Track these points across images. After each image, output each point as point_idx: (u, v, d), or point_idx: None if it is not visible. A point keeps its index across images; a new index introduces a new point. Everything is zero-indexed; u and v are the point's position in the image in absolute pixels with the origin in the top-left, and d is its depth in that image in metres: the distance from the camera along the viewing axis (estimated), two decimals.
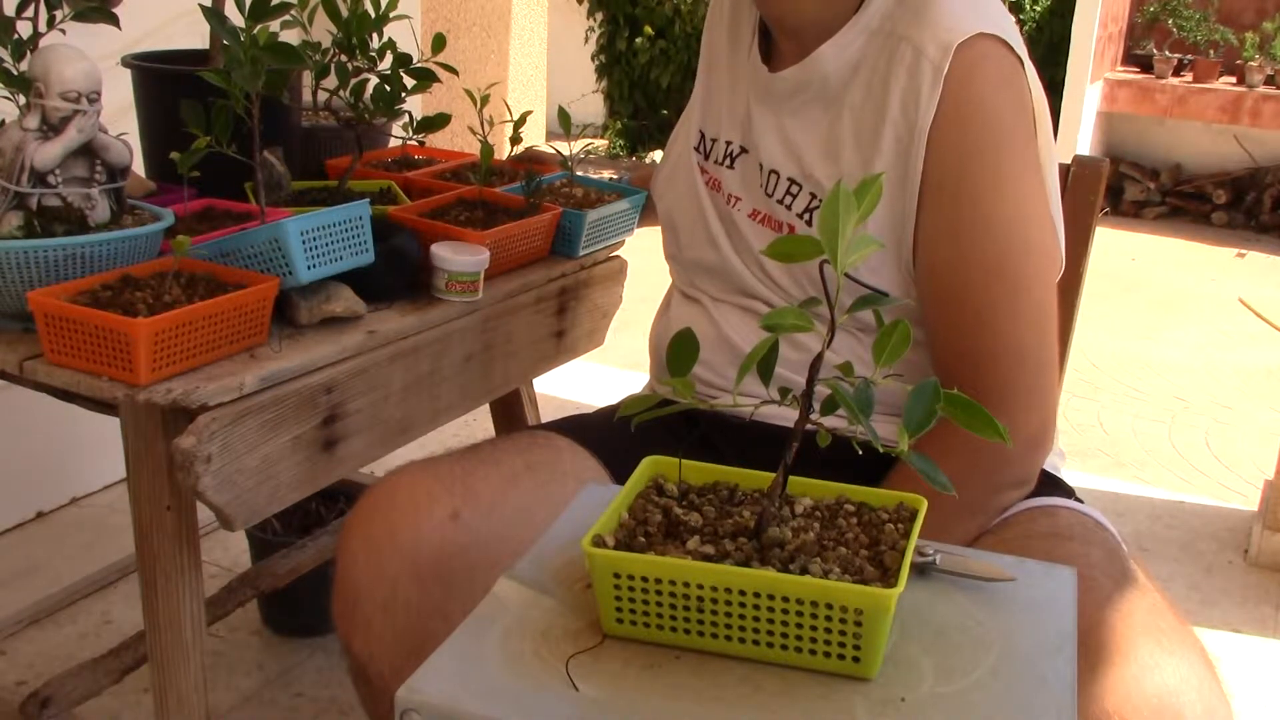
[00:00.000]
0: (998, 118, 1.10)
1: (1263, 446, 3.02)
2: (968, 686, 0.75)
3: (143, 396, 1.07)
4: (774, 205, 1.22)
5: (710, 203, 1.30)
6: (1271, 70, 5.32)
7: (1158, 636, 0.91)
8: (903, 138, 1.10)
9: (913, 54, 1.09)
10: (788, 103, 1.21)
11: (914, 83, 1.09)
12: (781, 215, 1.21)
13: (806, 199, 1.18)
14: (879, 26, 1.14)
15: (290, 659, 1.88)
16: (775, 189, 1.21)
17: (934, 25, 1.10)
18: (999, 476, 1.12)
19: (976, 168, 1.09)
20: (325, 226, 1.20)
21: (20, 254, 1.11)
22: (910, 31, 1.11)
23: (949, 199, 1.10)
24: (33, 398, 1.20)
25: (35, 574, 2.03)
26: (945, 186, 1.10)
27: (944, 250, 1.11)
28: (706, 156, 1.32)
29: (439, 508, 1.03)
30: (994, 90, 1.10)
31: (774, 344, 0.77)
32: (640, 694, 0.73)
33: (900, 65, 1.10)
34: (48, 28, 1.20)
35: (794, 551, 0.77)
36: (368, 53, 1.40)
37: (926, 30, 1.10)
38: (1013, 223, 1.10)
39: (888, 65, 1.11)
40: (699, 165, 1.32)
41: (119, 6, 1.24)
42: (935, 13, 1.11)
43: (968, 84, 1.08)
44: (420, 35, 1.53)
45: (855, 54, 1.15)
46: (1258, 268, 4.88)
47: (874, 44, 1.14)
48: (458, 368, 1.37)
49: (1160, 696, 0.87)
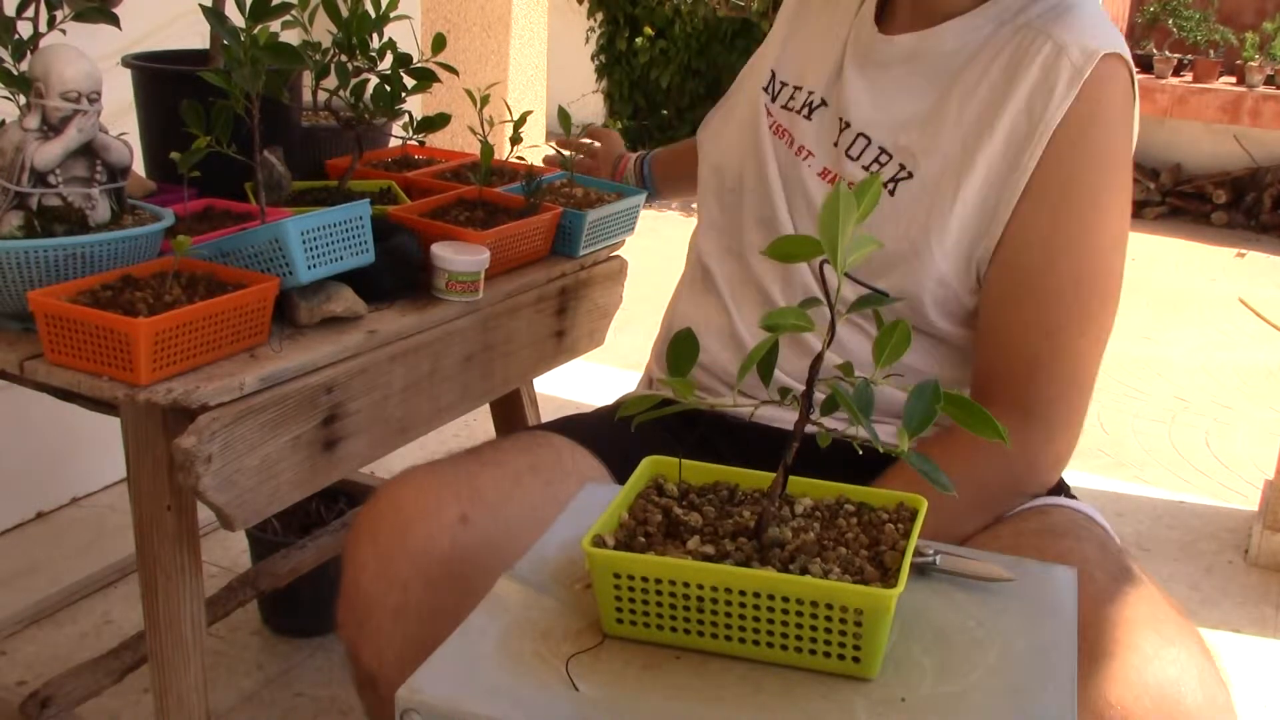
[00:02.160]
0: (1117, 136, 1.11)
1: (1263, 446, 3.02)
2: (968, 686, 0.75)
3: (143, 396, 1.07)
4: (853, 167, 1.19)
5: (773, 150, 1.26)
6: (1271, 70, 5.32)
7: (1157, 627, 0.91)
8: (1020, 129, 1.10)
9: (1053, 50, 1.09)
10: (893, 69, 1.19)
11: (1049, 79, 1.09)
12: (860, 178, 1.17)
13: (895, 168, 1.16)
14: (1011, 19, 1.14)
15: (290, 659, 1.88)
16: (861, 153, 1.19)
17: (1078, 29, 1.10)
18: (1025, 486, 1.13)
19: (1089, 180, 1.10)
20: (325, 226, 1.20)
21: (20, 254, 1.11)
22: (1052, 29, 1.11)
23: (1053, 204, 1.10)
24: (33, 398, 1.20)
25: (35, 574, 2.03)
26: (1052, 190, 1.09)
27: (1034, 254, 1.10)
28: (774, 99, 1.28)
29: (447, 511, 1.03)
30: (1120, 109, 1.11)
31: (774, 344, 0.77)
32: (640, 694, 0.73)
33: (1035, 58, 1.10)
34: (48, 28, 1.20)
35: (794, 551, 0.77)
36: (368, 53, 1.40)
37: (1070, 32, 1.10)
38: (1104, 244, 1.11)
39: (1018, 56, 1.11)
40: (765, 107, 1.28)
41: (119, 6, 1.24)
42: (1079, 18, 1.12)
43: (1101, 95, 1.09)
44: (420, 35, 1.53)
45: (980, 39, 1.15)
46: (1258, 268, 4.88)
47: (1003, 34, 1.13)
48: (458, 368, 1.37)
49: (1161, 686, 0.87)
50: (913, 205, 1.13)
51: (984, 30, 1.15)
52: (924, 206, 1.13)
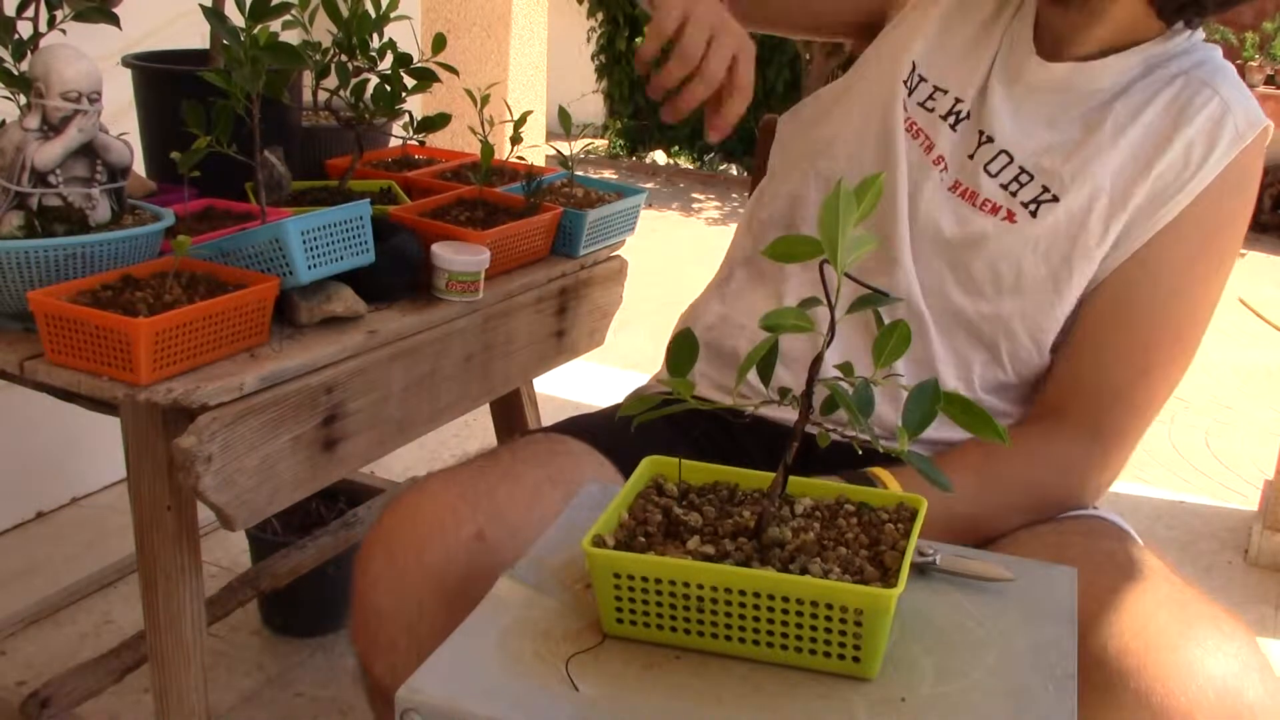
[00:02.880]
0: (1249, 204, 1.16)
1: (1263, 446, 3.02)
2: (968, 686, 0.75)
3: (143, 396, 1.07)
4: (990, 184, 1.18)
5: (905, 148, 1.22)
6: (1271, 70, 5.32)
7: (1215, 622, 0.92)
8: (1171, 174, 1.13)
9: (1219, 107, 1.13)
10: (1042, 94, 1.19)
11: (1212, 135, 1.13)
12: (998, 197, 1.18)
13: (1037, 189, 1.16)
14: (1160, 65, 1.17)
15: (290, 659, 1.88)
16: (1001, 170, 1.18)
17: (1242, 94, 1.16)
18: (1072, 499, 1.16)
19: (1220, 239, 1.15)
20: (325, 226, 1.20)
21: (20, 254, 1.11)
22: (1218, 86, 1.15)
23: (1185, 256, 1.14)
24: (33, 398, 1.20)
25: (35, 574, 2.03)
26: (1188, 244, 1.13)
27: (1157, 292, 1.14)
28: (911, 94, 1.25)
29: (465, 528, 1.01)
30: (1257, 178, 1.16)
31: (774, 344, 0.77)
32: (640, 694, 0.73)
33: (1200, 110, 1.13)
34: (48, 28, 1.20)
35: (794, 551, 0.77)
36: (368, 53, 1.40)
37: (1235, 94, 1.15)
38: (1211, 301, 1.17)
39: (1181, 103, 1.14)
40: (903, 101, 1.24)
41: (119, 6, 1.24)
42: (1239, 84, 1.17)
43: (1251, 164, 1.14)
44: (420, 35, 1.53)
45: (1130, 79, 1.17)
46: (1258, 268, 4.88)
47: (1155, 78, 1.16)
48: (458, 368, 1.37)
49: (1225, 679, 0.87)
50: (1055, 229, 1.15)
51: (1134, 72, 1.17)
52: (1068, 233, 1.14)
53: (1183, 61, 1.17)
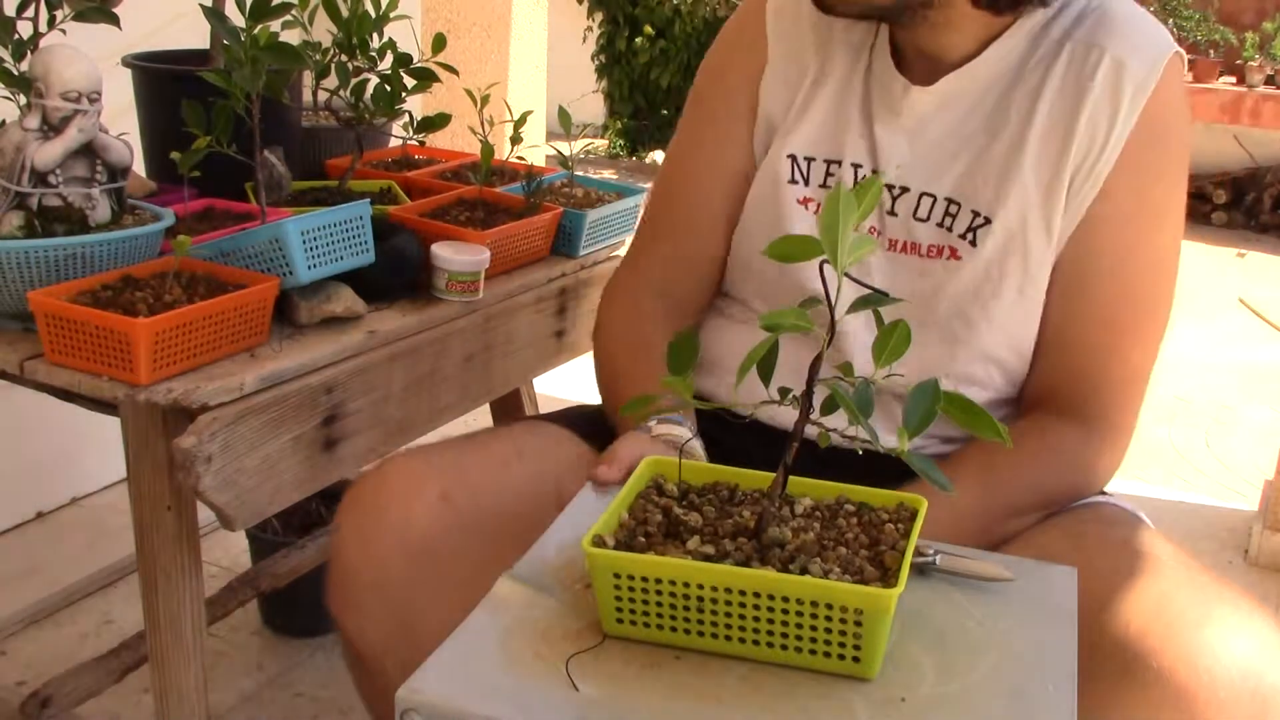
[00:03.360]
0: (1182, 144, 1.10)
1: (1263, 446, 3.02)
2: (968, 686, 0.75)
3: (143, 396, 1.07)
4: (925, 229, 1.13)
5: None
6: (1271, 70, 5.32)
7: (1234, 602, 0.92)
8: (1087, 147, 1.08)
9: (1112, 65, 1.06)
10: (932, 116, 1.14)
11: (1114, 97, 1.06)
12: (937, 238, 1.13)
13: (969, 217, 1.11)
14: (1044, 33, 1.10)
15: (290, 659, 1.88)
16: (930, 212, 1.13)
17: (1132, 39, 1.07)
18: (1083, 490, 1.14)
19: (1158, 194, 1.09)
20: (325, 226, 1.20)
21: (20, 254, 1.11)
22: (1104, 41, 1.07)
23: (1116, 225, 1.09)
24: (33, 398, 1.20)
25: (35, 574, 2.03)
26: (1122, 207, 1.08)
27: (1096, 274, 1.10)
28: (808, 182, 1.19)
29: (429, 489, 1.04)
30: (1180, 111, 1.09)
31: (774, 344, 0.77)
32: (640, 694, 0.73)
33: (1093, 75, 1.07)
34: (48, 28, 1.20)
35: (794, 551, 0.77)
36: (368, 53, 1.40)
37: (1125, 43, 1.07)
38: (1168, 253, 1.12)
39: (1073, 74, 1.08)
40: (799, 200, 1.19)
41: (119, 6, 1.24)
42: (1125, 25, 1.08)
43: (1164, 105, 1.07)
44: (420, 35, 1.53)
45: (1017, 60, 1.11)
46: (1258, 268, 4.88)
47: (1043, 51, 1.10)
48: (458, 368, 1.37)
49: (1248, 658, 0.87)
50: (1000, 249, 1.10)
51: (1019, 50, 1.11)
52: (1014, 247, 1.10)
53: (1065, 21, 1.10)
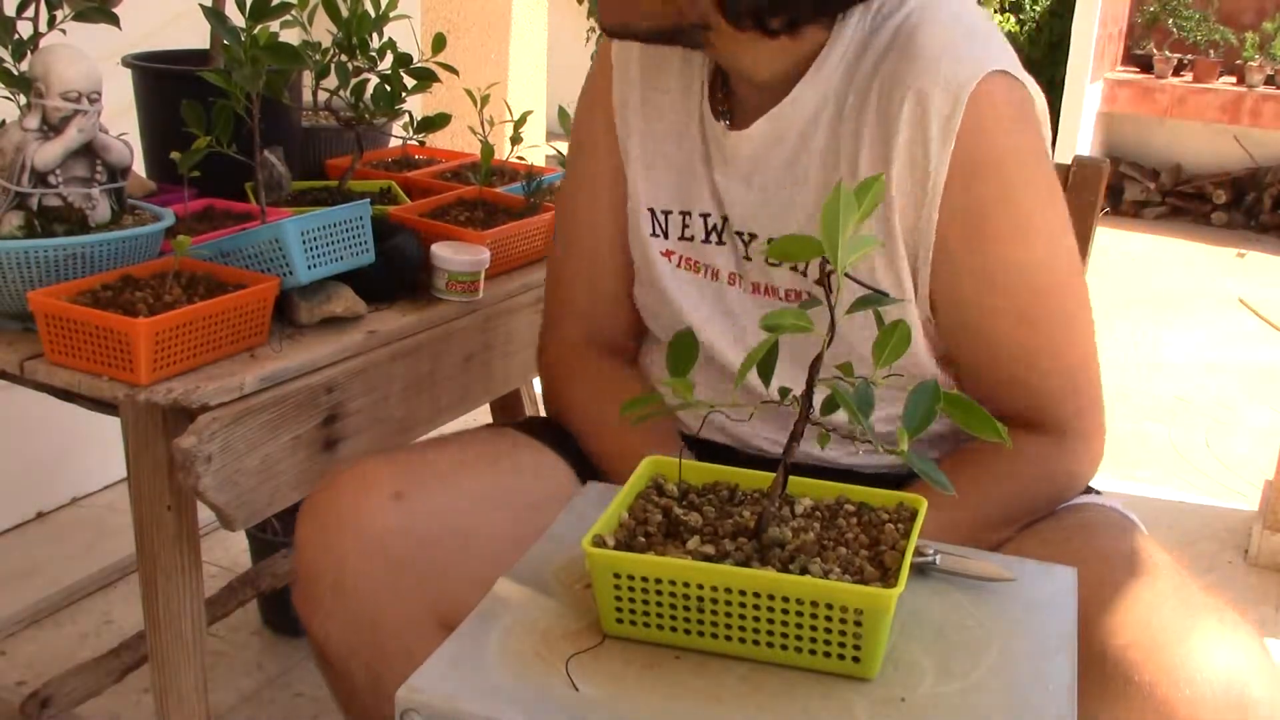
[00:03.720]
0: (1016, 163, 1.02)
1: (1263, 446, 3.02)
2: (968, 686, 0.75)
3: (143, 396, 1.07)
4: (781, 274, 1.10)
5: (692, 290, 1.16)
6: (1271, 70, 5.32)
7: (1218, 615, 0.91)
8: (909, 188, 1.02)
9: (915, 102, 0.99)
10: (762, 161, 1.09)
11: (922, 135, 0.99)
12: (794, 283, 1.10)
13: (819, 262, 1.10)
14: (856, 57, 1.04)
15: (290, 659, 1.88)
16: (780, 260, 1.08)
17: (934, 69, 0.99)
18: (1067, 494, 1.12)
19: (999, 219, 1.02)
20: (325, 226, 1.20)
21: (20, 254, 1.11)
22: (906, 75, 1.00)
23: (970, 254, 1.03)
24: (33, 398, 1.20)
25: (35, 574, 2.03)
26: (966, 242, 1.02)
27: (973, 306, 1.05)
28: (666, 235, 1.17)
29: (382, 488, 1.04)
30: (1008, 134, 1.01)
31: (774, 344, 0.77)
32: (640, 694, 0.73)
33: (900, 113, 1.00)
34: (48, 28, 1.20)
35: (794, 551, 0.77)
36: (368, 53, 1.40)
37: (926, 75, 0.99)
38: (1041, 265, 1.05)
39: (883, 111, 1.01)
40: (662, 252, 1.17)
41: (119, 6, 1.24)
42: (930, 52, 1.00)
43: (981, 135, 0.99)
44: (420, 35, 1.53)
45: (833, 91, 1.04)
46: (1258, 268, 4.87)
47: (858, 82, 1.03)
48: (458, 368, 1.37)
49: (1230, 672, 0.87)
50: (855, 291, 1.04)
51: (834, 80, 1.04)
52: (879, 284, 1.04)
53: (877, 49, 1.03)
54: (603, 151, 1.21)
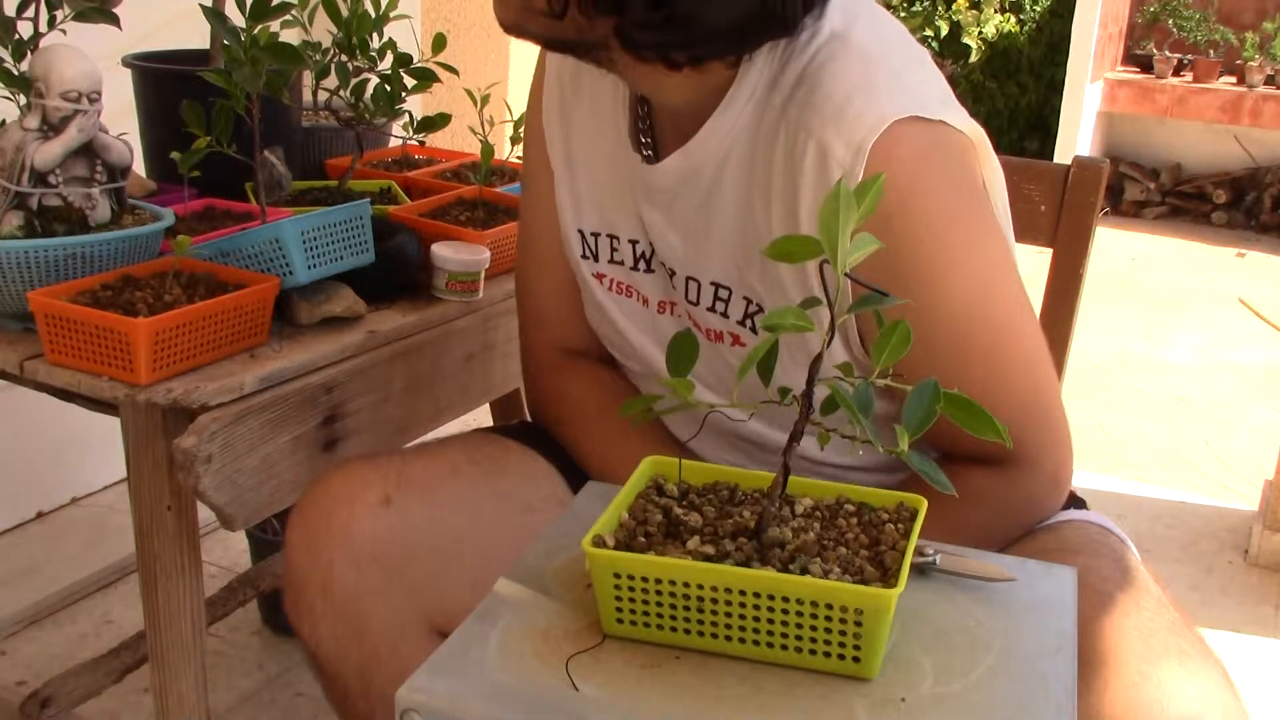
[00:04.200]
0: (926, 208, 0.96)
1: (1263, 446, 3.02)
2: (968, 686, 0.75)
3: (143, 396, 1.07)
4: (701, 313, 1.07)
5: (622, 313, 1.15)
6: (1271, 70, 5.32)
7: (1180, 658, 0.89)
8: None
9: (817, 152, 0.94)
10: (678, 196, 1.05)
11: (825, 186, 0.94)
12: (716, 324, 1.06)
13: (741, 304, 1.04)
14: (765, 96, 0.99)
15: (290, 659, 1.87)
16: (699, 296, 1.07)
17: (837, 120, 0.93)
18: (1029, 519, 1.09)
19: (913, 266, 0.96)
20: (325, 226, 1.20)
21: (20, 254, 1.11)
22: (811, 123, 0.95)
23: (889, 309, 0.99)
24: (33, 398, 1.20)
25: (35, 574, 2.03)
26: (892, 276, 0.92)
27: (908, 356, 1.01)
28: (596, 258, 1.15)
29: (371, 493, 1.04)
30: (914, 181, 0.95)
31: (774, 345, 0.77)
32: (640, 694, 0.73)
33: (803, 163, 0.95)
34: (48, 28, 1.20)
35: (794, 551, 0.77)
36: (368, 53, 1.40)
37: (830, 126, 0.94)
38: (969, 306, 1.00)
39: (789, 159, 0.96)
40: (594, 274, 1.15)
41: (119, 6, 1.24)
42: (835, 99, 0.94)
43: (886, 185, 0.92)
44: (420, 35, 1.53)
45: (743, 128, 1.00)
46: (1258, 268, 4.87)
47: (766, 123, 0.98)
48: (458, 367, 1.37)
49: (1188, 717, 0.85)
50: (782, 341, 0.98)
51: (744, 117, 1.00)
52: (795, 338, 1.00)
53: (785, 84, 0.98)
54: (540, 166, 1.20)
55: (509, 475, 1.15)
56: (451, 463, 1.13)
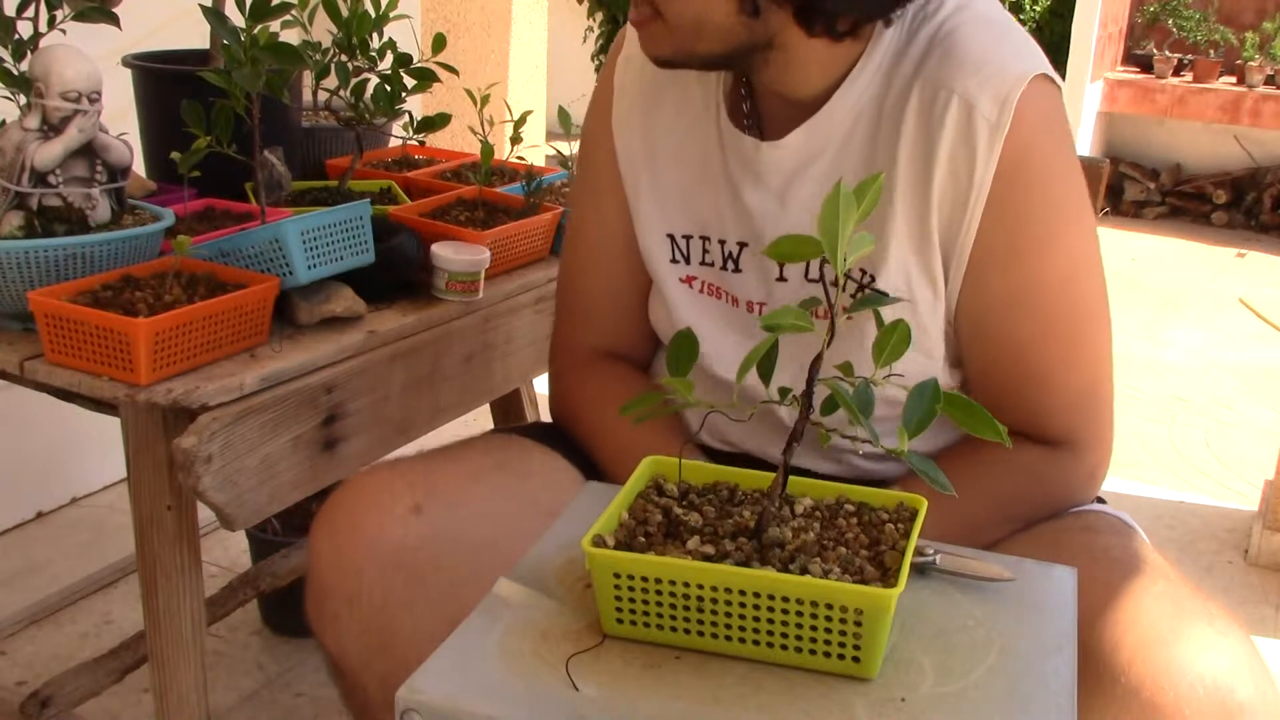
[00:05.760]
0: (1055, 173, 1.02)
1: (1263, 446, 3.02)
2: (968, 686, 0.75)
3: (143, 396, 1.07)
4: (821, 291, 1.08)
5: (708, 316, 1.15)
6: (1271, 70, 5.32)
7: (1209, 619, 0.91)
8: (949, 195, 1.01)
9: (961, 108, 0.98)
10: (797, 173, 1.07)
11: (968, 141, 0.98)
12: None
13: (856, 275, 1.06)
14: (892, 66, 1.03)
15: (290, 659, 1.88)
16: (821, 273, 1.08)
17: (979, 74, 0.99)
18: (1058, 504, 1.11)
19: (1032, 230, 1.03)
20: (325, 226, 1.20)
21: (20, 254, 1.11)
22: (952, 80, 0.99)
23: (1002, 268, 1.03)
24: (33, 398, 1.20)
25: (35, 574, 2.03)
26: (997, 251, 1.02)
27: (997, 320, 1.05)
28: (687, 261, 1.16)
29: (401, 502, 1.04)
30: (1052, 142, 1.02)
31: (774, 344, 0.77)
32: (640, 694, 0.73)
33: (944, 119, 0.99)
34: (48, 28, 1.20)
35: (794, 551, 0.77)
36: (368, 53, 1.40)
37: (973, 79, 0.98)
38: (1067, 280, 1.06)
39: (926, 117, 1.00)
40: (681, 279, 1.16)
41: (119, 6, 1.24)
42: (974, 56, 0.99)
43: (1027, 141, 0.99)
44: (420, 35, 1.53)
45: (871, 99, 1.04)
46: (1258, 268, 4.88)
47: (896, 89, 1.02)
48: (458, 368, 1.37)
49: (1215, 676, 0.86)
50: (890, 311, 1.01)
51: (871, 88, 1.04)
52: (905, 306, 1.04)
53: (914, 54, 1.02)
54: (604, 172, 1.20)
55: (532, 480, 1.14)
56: (477, 468, 1.12)
